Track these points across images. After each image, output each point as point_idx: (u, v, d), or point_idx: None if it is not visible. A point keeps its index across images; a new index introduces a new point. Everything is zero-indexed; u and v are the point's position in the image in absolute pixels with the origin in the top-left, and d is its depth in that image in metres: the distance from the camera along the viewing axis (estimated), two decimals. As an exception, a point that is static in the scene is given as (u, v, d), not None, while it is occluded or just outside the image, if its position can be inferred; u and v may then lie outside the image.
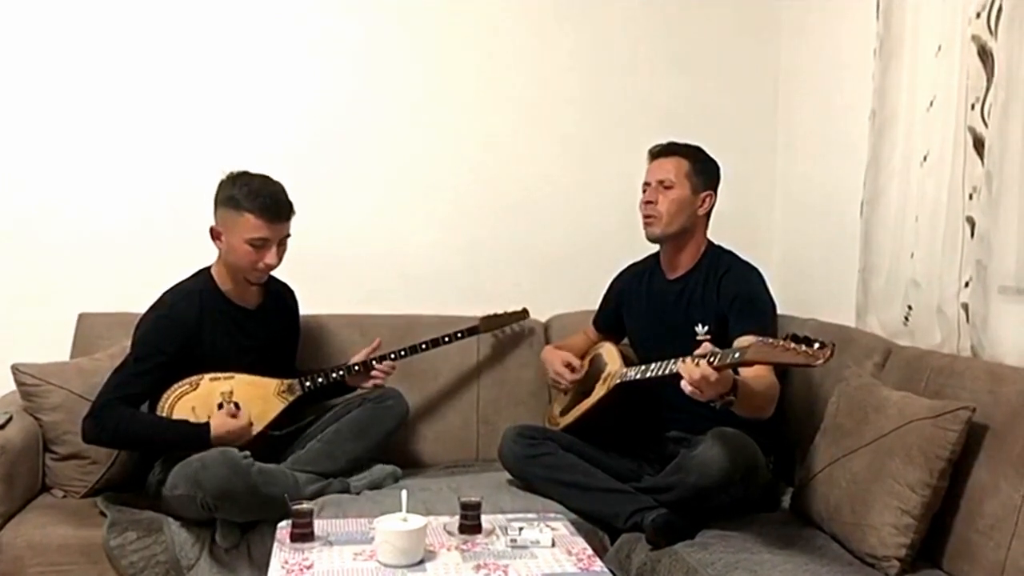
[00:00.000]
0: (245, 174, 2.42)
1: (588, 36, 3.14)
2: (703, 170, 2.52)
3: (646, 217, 2.53)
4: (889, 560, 1.93)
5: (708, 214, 2.55)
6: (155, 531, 2.23)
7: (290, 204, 2.43)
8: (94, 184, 2.88)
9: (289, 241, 2.49)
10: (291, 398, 2.52)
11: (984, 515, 1.88)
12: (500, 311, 2.91)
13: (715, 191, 2.55)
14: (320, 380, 2.56)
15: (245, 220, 2.37)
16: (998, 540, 1.83)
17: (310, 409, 2.64)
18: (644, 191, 2.55)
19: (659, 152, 2.56)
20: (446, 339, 2.75)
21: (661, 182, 2.50)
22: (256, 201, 2.37)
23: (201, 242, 2.47)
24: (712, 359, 1.94)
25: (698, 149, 2.55)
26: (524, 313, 2.95)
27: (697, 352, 1.98)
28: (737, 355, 1.90)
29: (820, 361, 1.73)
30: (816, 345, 1.74)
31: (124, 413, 2.30)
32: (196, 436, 2.30)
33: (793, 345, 1.77)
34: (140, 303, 2.44)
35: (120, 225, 2.89)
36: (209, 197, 2.44)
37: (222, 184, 2.42)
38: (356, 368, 2.61)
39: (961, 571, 1.91)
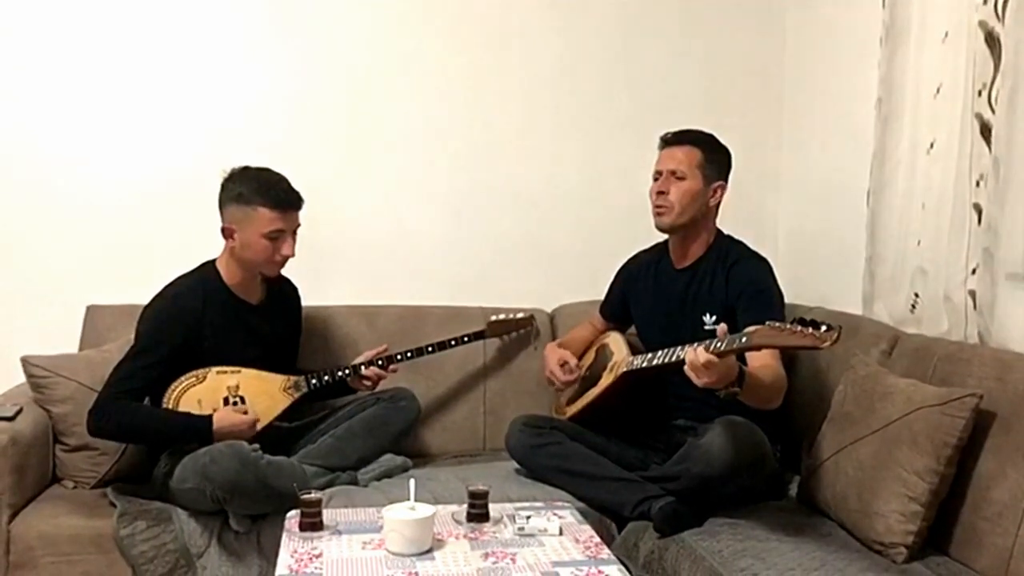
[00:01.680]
0: (247, 169, 2.43)
1: (593, 28, 3.13)
2: (716, 160, 2.50)
3: (657, 207, 2.50)
4: (896, 547, 1.93)
5: (718, 204, 2.54)
6: (164, 521, 2.25)
7: (299, 193, 2.44)
8: (101, 176, 2.88)
9: (297, 231, 2.50)
10: (297, 395, 2.52)
11: (991, 502, 1.88)
12: (507, 315, 2.90)
13: (727, 181, 2.53)
14: (326, 378, 2.56)
15: (259, 214, 2.38)
16: (1005, 527, 1.83)
17: (319, 405, 2.65)
18: (655, 179, 2.52)
19: (671, 140, 2.53)
20: (452, 342, 2.76)
21: (673, 172, 2.47)
22: (268, 194, 2.38)
23: (209, 234, 2.47)
24: (719, 344, 1.94)
25: (711, 138, 2.53)
26: (530, 320, 2.95)
27: (708, 327, 1.97)
28: (744, 339, 1.90)
29: (827, 343, 1.72)
30: (823, 328, 1.73)
31: (127, 407, 2.31)
32: (198, 429, 2.31)
33: (799, 328, 1.77)
34: (148, 295, 2.45)
35: (127, 217, 2.90)
36: (216, 189, 2.45)
37: (225, 183, 2.42)
38: (363, 368, 2.61)
39: (968, 558, 1.92)
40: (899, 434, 1.99)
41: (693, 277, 2.52)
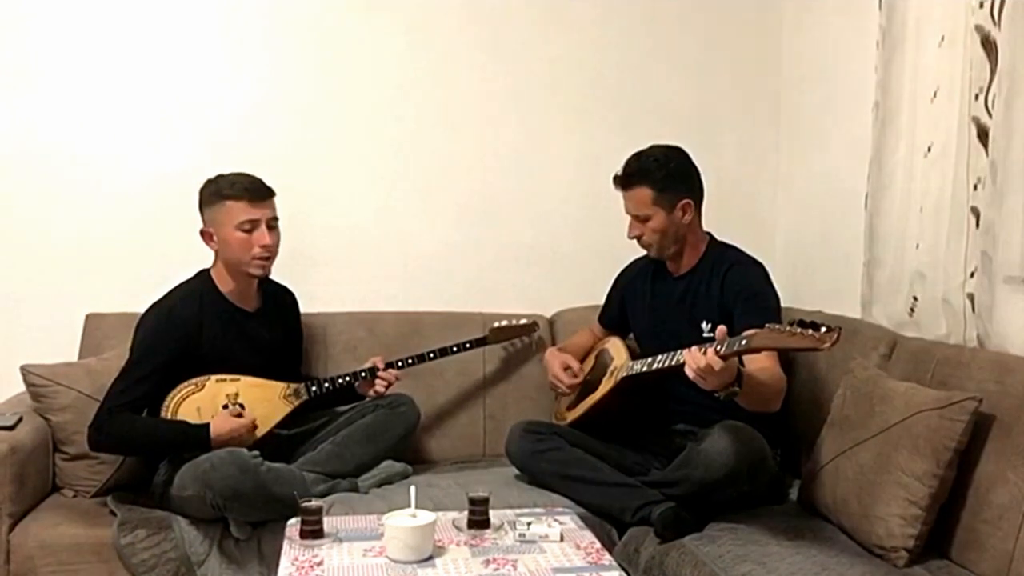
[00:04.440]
0: (219, 175, 2.46)
1: (589, 33, 3.14)
2: (668, 186, 2.44)
3: (641, 246, 2.54)
4: (897, 551, 1.93)
5: (698, 213, 2.52)
6: (165, 529, 2.24)
7: (267, 185, 2.45)
8: (100, 184, 2.89)
9: (294, 241, 2.50)
10: (297, 402, 2.52)
11: (991, 505, 1.88)
12: (509, 321, 2.89)
13: (692, 191, 2.48)
14: (327, 385, 2.56)
15: (229, 208, 2.39)
16: (1006, 530, 1.83)
17: (320, 412, 2.64)
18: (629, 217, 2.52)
19: (622, 183, 2.50)
20: (454, 348, 2.75)
21: (637, 216, 2.48)
22: (234, 187, 2.41)
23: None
24: (719, 347, 1.94)
25: (654, 163, 2.45)
26: (533, 326, 2.93)
27: (707, 335, 1.97)
28: (744, 342, 1.90)
29: (827, 345, 1.72)
30: (823, 329, 1.74)
31: (126, 420, 2.31)
32: (196, 438, 2.31)
33: (799, 330, 1.77)
34: (147, 303, 2.45)
35: (126, 225, 2.90)
36: (212, 198, 2.45)
37: (200, 191, 2.45)
38: (363, 375, 2.61)
39: (969, 561, 1.92)
40: (899, 438, 1.99)
41: (689, 284, 2.53)
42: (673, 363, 2.23)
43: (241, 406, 2.42)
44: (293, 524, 2.06)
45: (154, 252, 2.88)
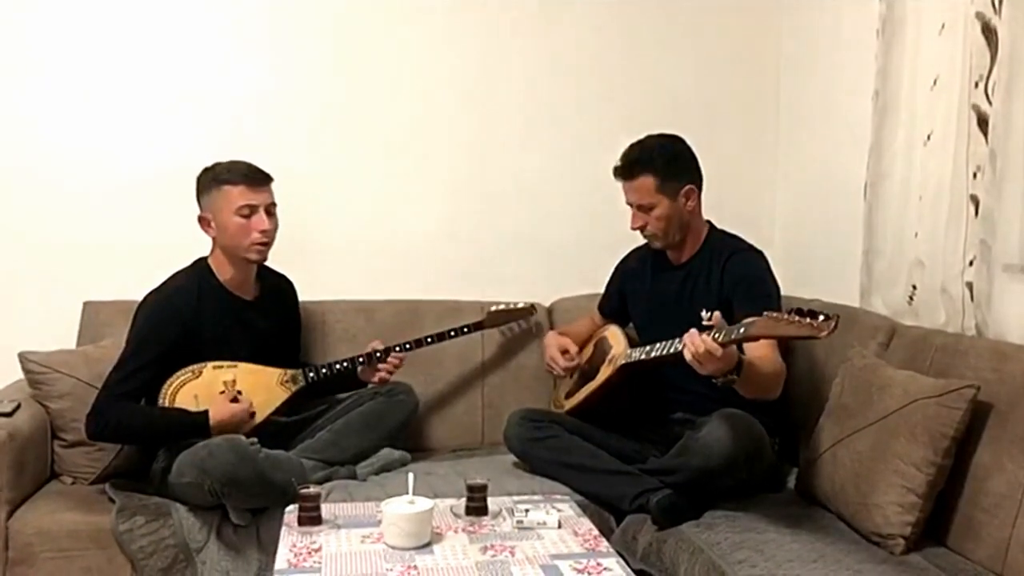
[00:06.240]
0: (216, 163, 2.46)
1: (587, 22, 3.13)
2: (671, 171, 2.44)
3: (645, 237, 2.52)
4: (894, 538, 1.94)
5: (699, 201, 2.52)
6: (163, 515, 2.25)
7: (265, 171, 2.45)
8: (98, 172, 2.88)
9: (292, 229, 2.49)
10: (294, 388, 2.52)
11: (988, 493, 1.89)
12: (506, 305, 2.89)
13: (694, 177, 2.48)
14: (324, 371, 2.56)
15: (227, 193, 2.39)
16: (1002, 518, 1.84)
17: (319, 400, 2.64)
18: (629, 206, 2.50)
19: (622, 175, 2.49)
20: (451, 333, 2.75)
21: (640, 206, 2.47)
22: (232, 172, 2.41)
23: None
24: (717, 334, 1.94)
25: (655, 151, 2.45)
26: (531, 309, 2.93)
27: (706, 323, 1.96)
28: (742, 330, 1.91)
29: (824, 333, 1.73)
30: (820, 318, 1.74)
31: (124, 408, 2.31)
32: (195, 425, 2.31)
33: (797, 318, 1.78)
34: (145, 291, 2.45)
35: (124, 213, 2.90)
36: (211, 185, 2.45)
37: (198, 178, 2.46)
38: (361, 361, 2.61)
39: (965, 549, 1.92)
40: (897, 426, 1.99)
41: (689, 273, 2.53)
42: (671, 351, 2.24)
43: (238, 393, 2.42)
44: (291, 511, 2.07)
45: (152, 240, 2.88)
